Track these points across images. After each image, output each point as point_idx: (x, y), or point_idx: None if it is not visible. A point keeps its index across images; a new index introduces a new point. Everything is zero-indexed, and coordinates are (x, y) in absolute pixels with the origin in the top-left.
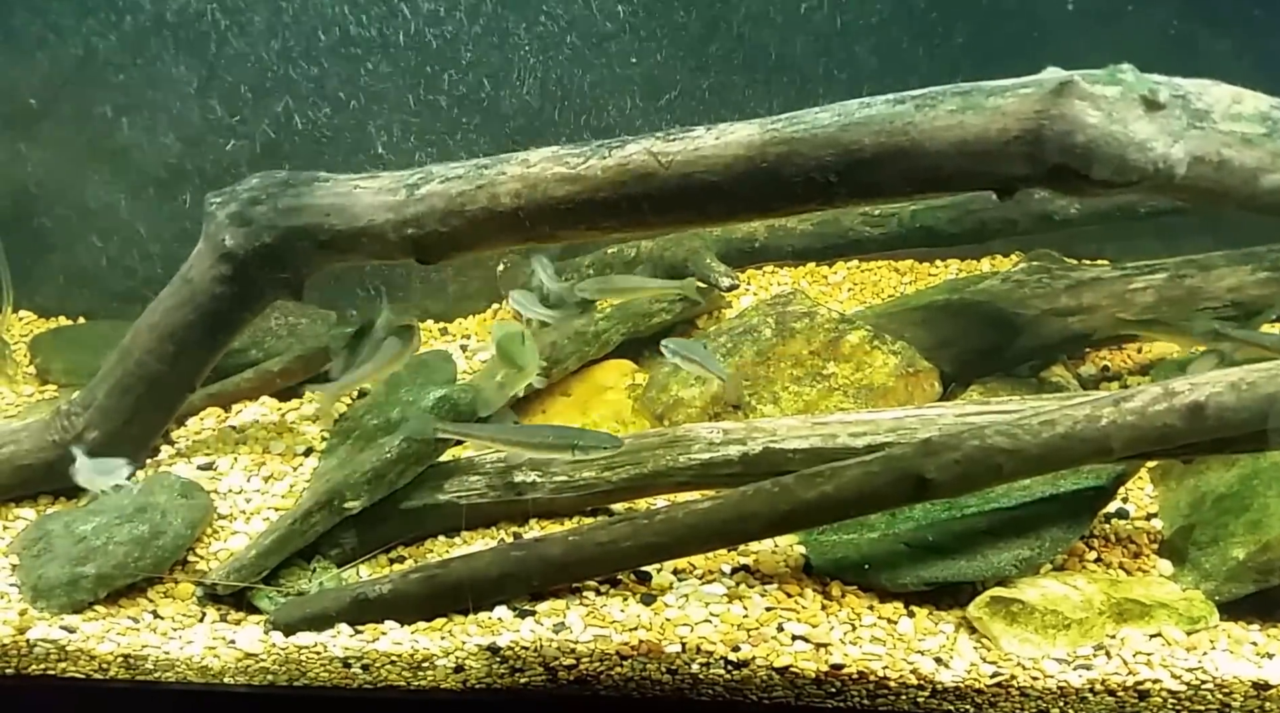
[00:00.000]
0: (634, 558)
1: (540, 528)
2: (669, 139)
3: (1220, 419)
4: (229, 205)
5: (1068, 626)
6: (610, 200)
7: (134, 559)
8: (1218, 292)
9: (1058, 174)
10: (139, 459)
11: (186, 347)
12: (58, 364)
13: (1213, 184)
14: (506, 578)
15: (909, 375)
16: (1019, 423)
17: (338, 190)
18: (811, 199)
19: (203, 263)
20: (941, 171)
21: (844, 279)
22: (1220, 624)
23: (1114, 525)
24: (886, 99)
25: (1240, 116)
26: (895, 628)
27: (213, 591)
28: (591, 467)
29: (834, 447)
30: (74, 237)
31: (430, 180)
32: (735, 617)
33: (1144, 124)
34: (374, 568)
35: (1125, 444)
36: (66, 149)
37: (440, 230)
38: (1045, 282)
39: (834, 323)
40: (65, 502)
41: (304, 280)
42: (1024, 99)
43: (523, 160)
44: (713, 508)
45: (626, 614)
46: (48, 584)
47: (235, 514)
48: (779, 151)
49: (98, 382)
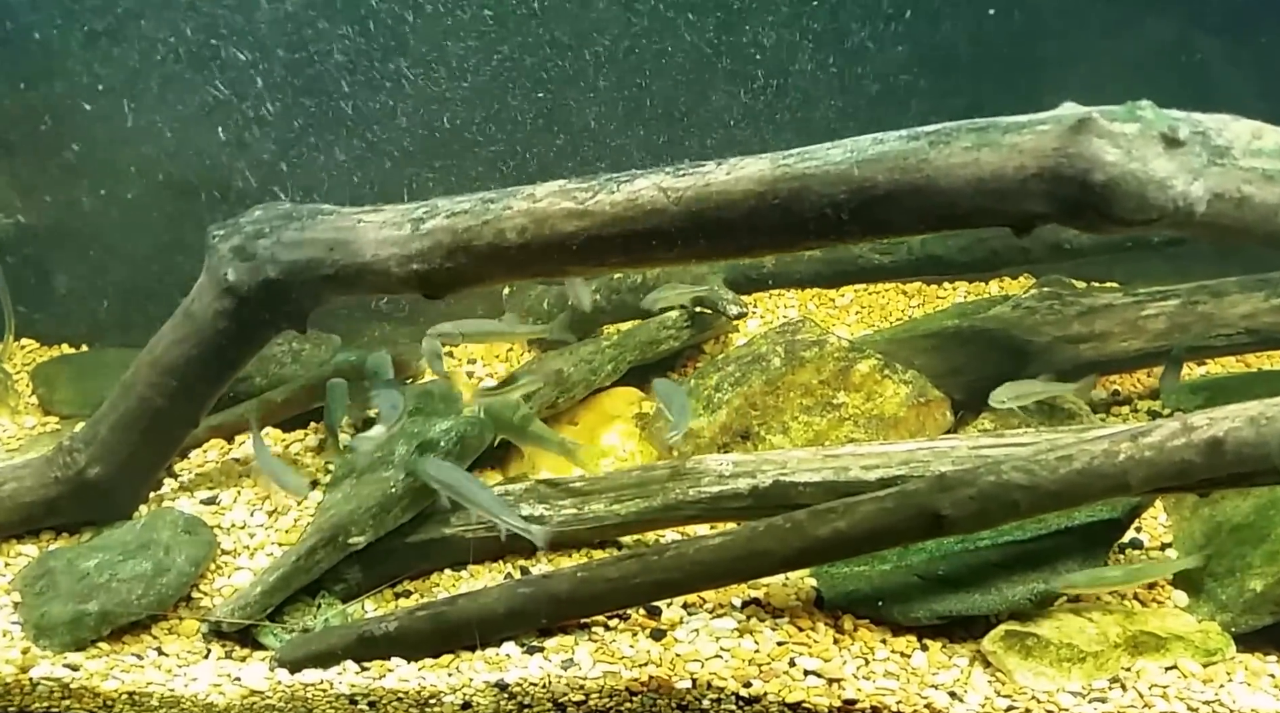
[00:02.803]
0: (643, 594)
1: (548, 561)
2: (679, 174)
3: (1239, 454)
4: (231, 238)
5: (1083, 659)
6: (619, 236)
7: (137, 596)
8: (1231, 318)
9: (1076, 212)
10: (142, 495)
11: (189, 381)
12: (60, 394)
13: (1233, 221)
14: (514, 615)
15: (920, 405)
16: (1035, 459)
17: (341, 224)
18: (824, 235)
19: (205, 297)
20: (957, 209)
21: (851, 302)
22: (1237, 656)
23: (1128, 556)
24: (900, 135)
25: (1261, 152)
26: (909, 662)
27: (217, 627)
28: (600, 500)
29: (846, 480)
30: (76, 262)
31: (435, 214)
32: (746, 652)
33: (1163, 161)
34: (380, 603)
35: (1143, 480)
36: (69, 174)
37: (446, 266)
38: (1056, 308)
39: (844, 352)
40: (68, 538)
41: (308, 314)
42: (1041, 136)
43: (529, 195)
44: (723, 544)
45: (636, 650)
46: (50, 622)
47: (239, 550)
48: (791, 187)
49: (100, 417)
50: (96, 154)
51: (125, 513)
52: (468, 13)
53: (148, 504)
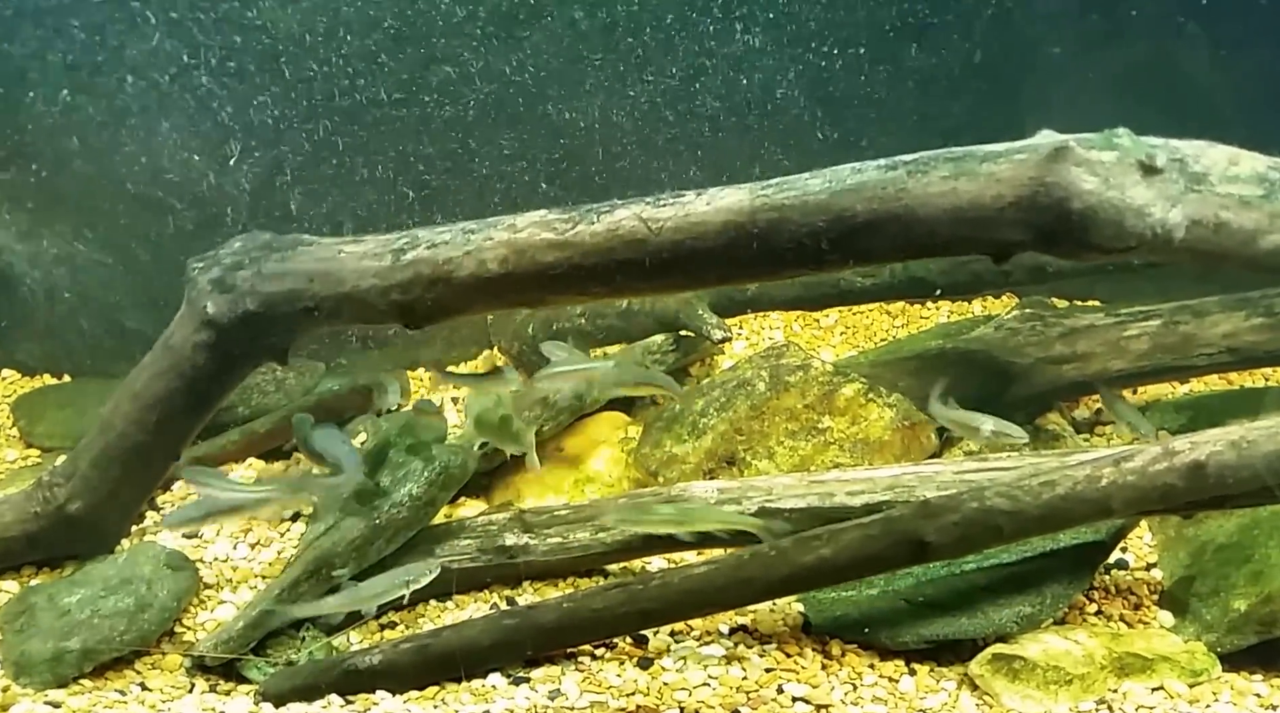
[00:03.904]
0: (629, 624)
1: (534, 590)
2: (659, 204)
3: (1221, 477)
4: (211, 270)
5: (1069, 681)
6: (600, 266)
7: (120, 632)
8: (1212, 338)
9: (1054, 240)
10: (124, 529)
11: (169, 415)
12: (41, 427)
13: (1212, 246)
14: (499, 646)
15: (905, 428)
16: (1018, 484)
17: (322, 255)
18: (804, 264)
19: (184, 329)
20: (936, 237)
21: (836, 322)
22: (1223, 676)
23: (1114, 577)
24: (879, 164)
25: (1238, 178)
26: (897, 687)
27: (201, 661)
28: (585, 528)
29: (831, 505)
30: (57, 292)
31: (416, 245)
32: (734, 679)
33: (1141, 189)
34: (364, 635)
35: (1126, 504)
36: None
37: (427, 296)
38: (1039, 329)
39: (828, 376)
40: (49, 573)
41: (289, 345)
42: (1018, 165)
43: (510, 225)
44: (709, 573)
45: (623, 679)
46: (31, 660)
47: (222, 584)
48: (770, 218)
49: (80, 452)
50: (78, 184)
51: (107, 548)
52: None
53: (130, 538)
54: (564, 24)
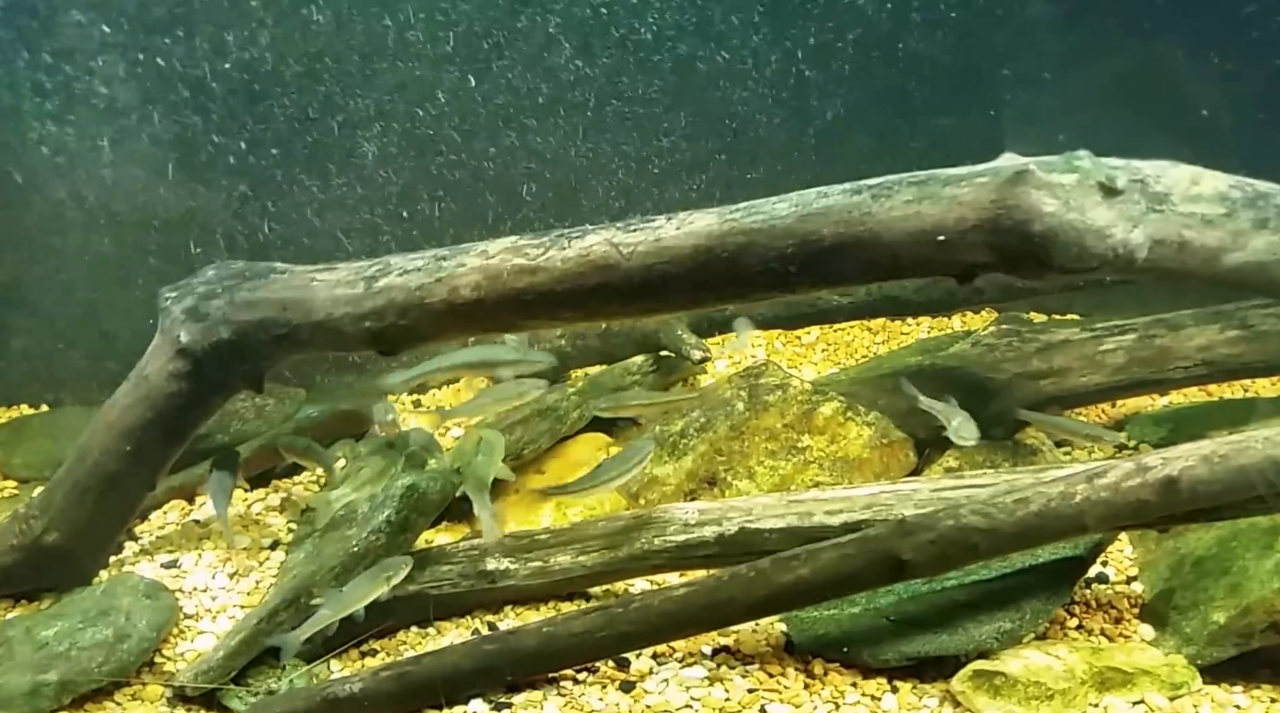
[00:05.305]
0: (610, 647)
1: (515, 614)
2: (630, 229)
3: (1193, 492)
4: (184, 300)
5: (1051, 697)
6: (572, 292)
7: (98, 664)
8: (1188, 351)
9: (1017, 262)
10: (101, 560)
11: (145, 445)
12: (18, 458)
13: (1175, 265)
14: (480, 672)
15: (883, 446)
16: (993, 501)
17: (294, 283)
18: (772, 287)
19: (159, 359)
20: (901, 260)
21: (817, 339)
22: (1204, 688)
23: (1095, 591)
24: (844, 189)
25: (1200, 197)
26: (879, 705)
27: (181, 692)
28: (566, 552)
29: (810, 525)
30: (35, 321)
31: (389, 272)
32: (717, 701)
33: (1102, 211)
34: (345, 662)
35: (1100, 520)
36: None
37: (400, 323)
38: (1016, 345)
39: (807, 395)
40: (26, 606)
41: (263, 374)
42: (980, 188)
43: (482, 252)
44: (689, 594)
45: (606, 703)
46: (7, 694)
47: (201, 613)
48: (738, 242)
49: (56, 483)
50: (53, 211)
51: (85, 579)
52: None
53: (108, 569)
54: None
